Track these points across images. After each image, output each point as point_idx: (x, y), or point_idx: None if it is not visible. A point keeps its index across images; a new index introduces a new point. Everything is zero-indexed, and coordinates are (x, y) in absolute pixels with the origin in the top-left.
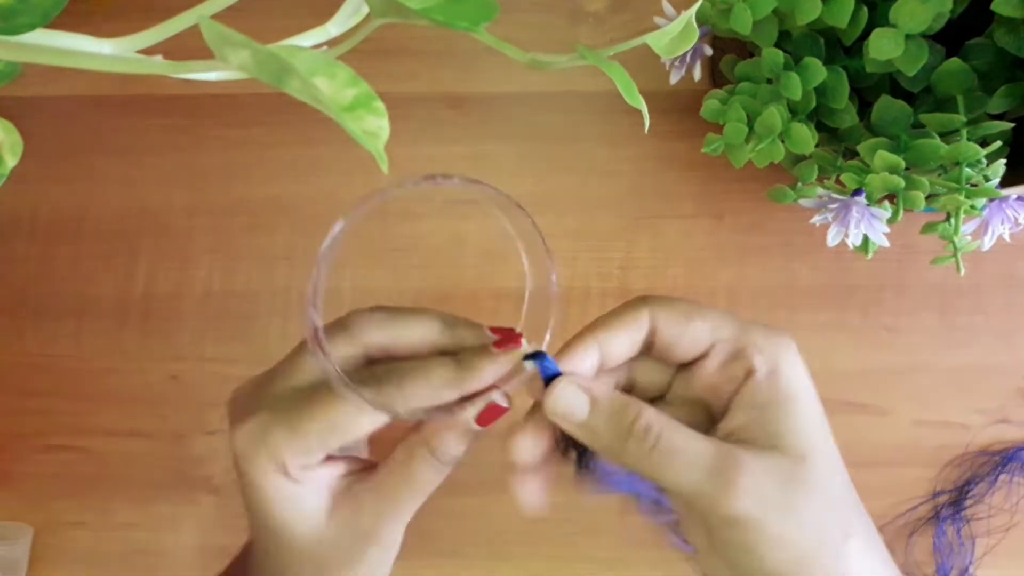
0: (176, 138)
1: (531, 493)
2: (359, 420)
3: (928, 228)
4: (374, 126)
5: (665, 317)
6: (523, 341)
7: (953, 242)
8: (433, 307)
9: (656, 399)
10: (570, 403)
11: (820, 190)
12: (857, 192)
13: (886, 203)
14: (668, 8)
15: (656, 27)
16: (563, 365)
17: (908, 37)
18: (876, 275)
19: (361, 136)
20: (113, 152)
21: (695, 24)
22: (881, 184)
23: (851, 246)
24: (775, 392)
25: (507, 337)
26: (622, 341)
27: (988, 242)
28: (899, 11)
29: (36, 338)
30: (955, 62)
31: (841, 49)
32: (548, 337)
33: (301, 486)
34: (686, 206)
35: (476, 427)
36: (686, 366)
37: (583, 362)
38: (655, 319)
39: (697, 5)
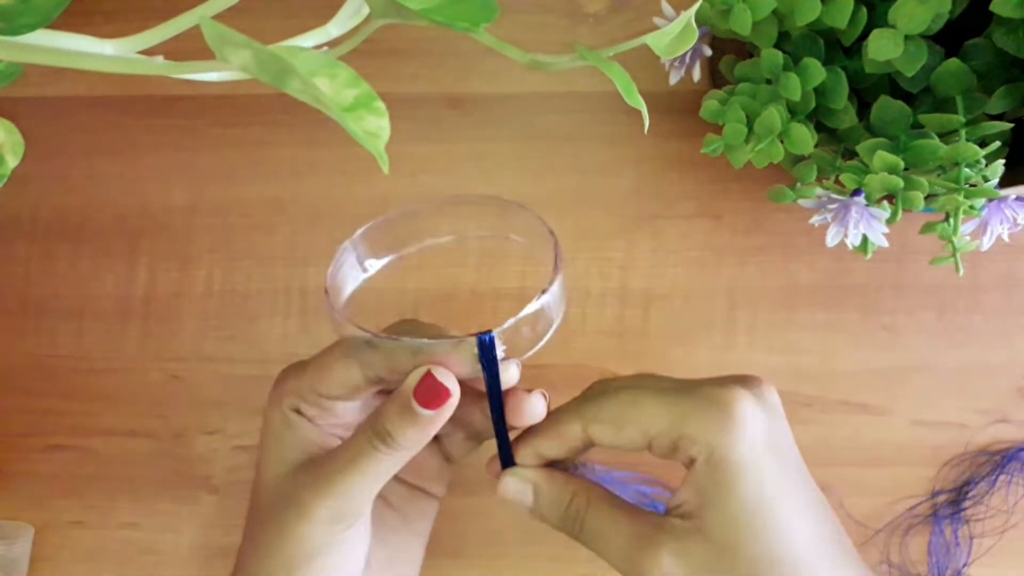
0: (177, 138)
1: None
2: (347, 368)
3: (927, 228)
4: (375, 126)
5: (597, 429)
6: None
7: (952, 242)
8: (441, 308)
9: None
10: (517, 494)
11: (819, 190)
12: (856, 192)
13: (885, 203)
14: (667, 9)
15: (656, 28)
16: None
17: (907, 38)
18: (875, 275)
19: (362, 136)
20: (114, 152)
21: (694, 25)
22: (880, 184)
23: (850, 246)
24: (710, 481)
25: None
26: (557, 449)
27: (987, 242)
28: (898, 12)
29: (36, 338)
30: (954, 63)
31: (840, 50)
32: (547, 338)
33: (286, 429)
34: (685, 206)
35: (419, 408)
36: None
37: (525, 460)
38: (588, 431)
39: (696, 6)
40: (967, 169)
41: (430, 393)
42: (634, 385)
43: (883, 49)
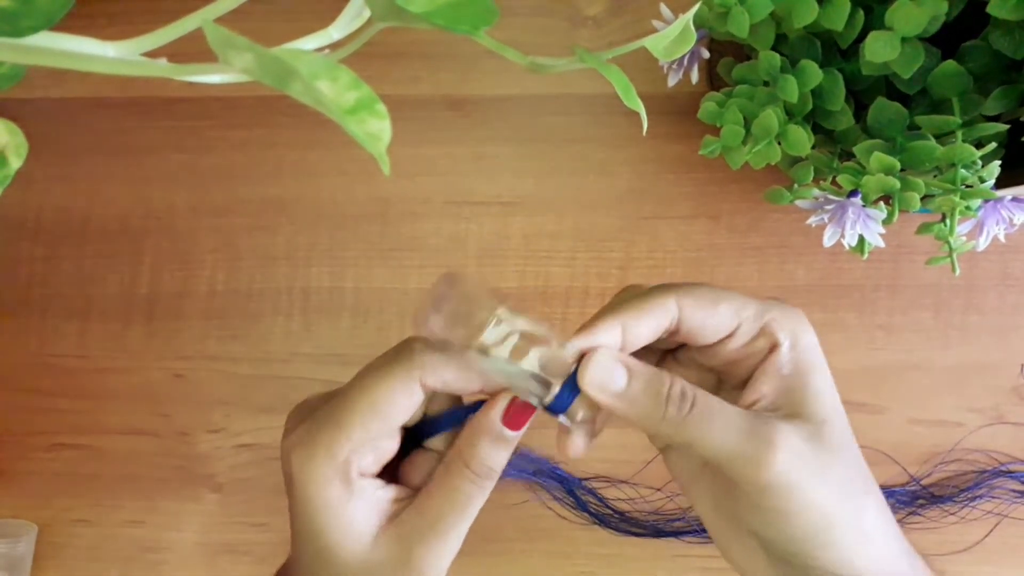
0: (179, 139)
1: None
2: (395, 398)
3: (923, 229)
4: (376, 128)
5: (692, 305)
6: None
7: (948, 242)
8: None
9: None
10: (608, 374)
11: (816, 191)
12: (853, 193)
13: (882, 204)
14: (666, 12)
15: (654, 30)
16: (586, 340)
17: (904, 40)
18: (871, 275)
19: (363, 138)
20: (117, 153)
21: (692, 27)
22: (877, 185)
23: (847, 247)
24: (797, 363)
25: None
26: (647, 326)
27: (983, 243)
28: (895, 14)
29: (41, 337)
30: (951, 64)
31: (837, 52)
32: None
33: (352, 501)
34: (684, 207)
35: (506, 431)
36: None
37: (608, 338)
38: (682, 307)
39: (695, 8)
40: (963, 170)
41: (516, 415)
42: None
43: (880, 51)
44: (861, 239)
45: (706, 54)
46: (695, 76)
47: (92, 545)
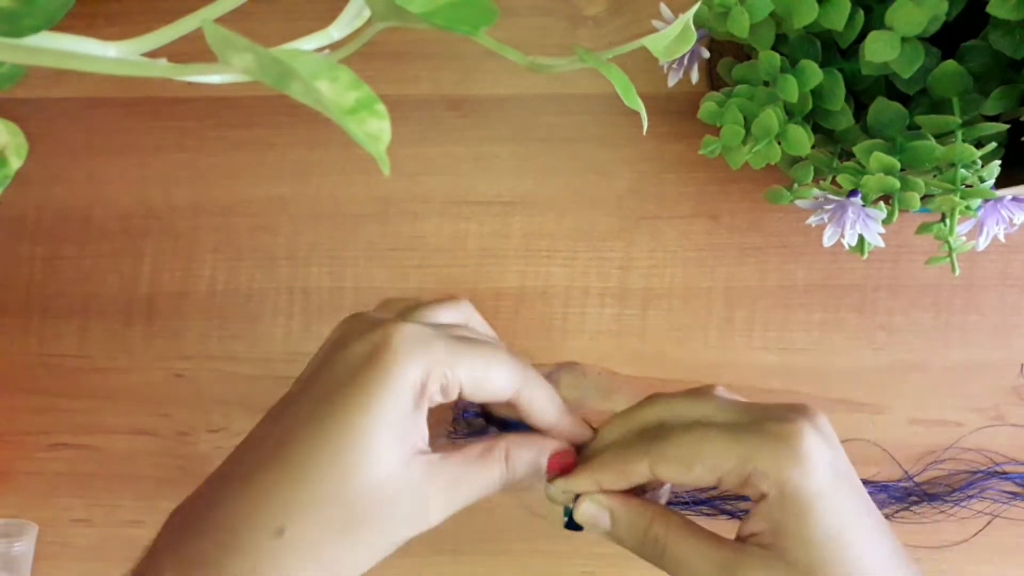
0: (180, 139)
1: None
2: (497, 374)
3: (923, 229)
4: (376, 129)
5: (665, 469)
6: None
7: (948, 242)
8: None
9: None
10: (593, 518)
11: (816, 191)
12: (853, 193)
13: (881, 204)
14: (666, 11)
15: (654, 30)
16: (567, 484)
17: (904, 40)
18: (871, 275)
19: (363, 139)
20: (117, 153)
21: (692, 27)
22: (877, 185)
23: (847, 246)
24: (785, 513)
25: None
26: (621, 484)
27: (983, 242)
28: (895, 14)
29: (41, 337)
30: (951, 64)
31: (837, 52)
32: None
33: (411, 416)
34: (684, 207)
35: (544, 470)
36: None
37: (584, 487)
38: (655, 471)
39: (694, 8)
40: (963, 170)
41: (561, 463)
42: (699, 422)
43: (880, 51)
44: (861, 239)
45: (706, 54)
46: (695, 76)
47: (92, 545)
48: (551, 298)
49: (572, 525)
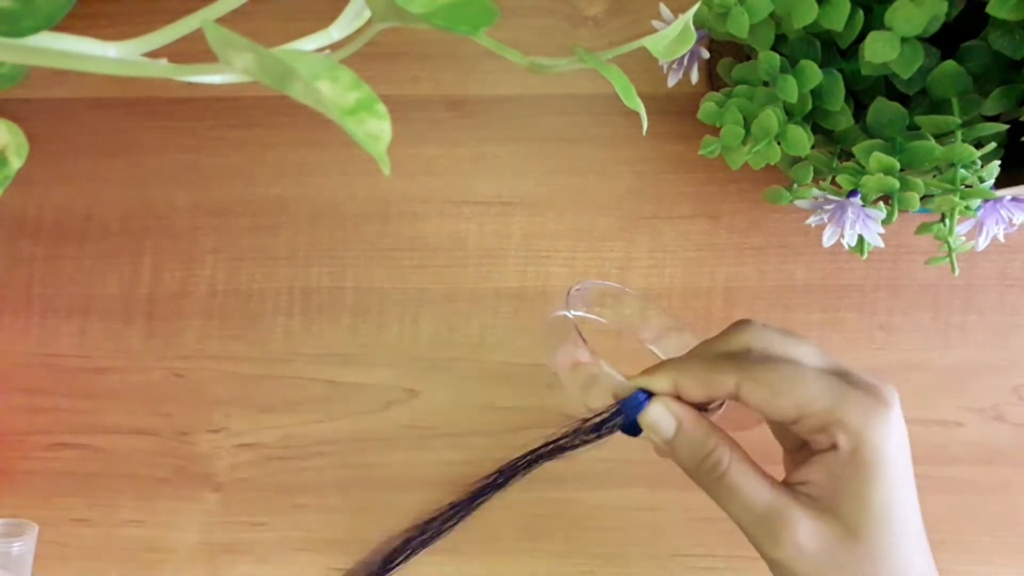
0: (180, 139)
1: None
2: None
3: (923, 229)
4: (376, 129)
5: (752, 390)
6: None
7: (948, 242)
8: (441, 308)
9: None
10: (660, 422)
11: (816, 191)
12: (852, 193)
13: (881, 204)
14: (666, 12)
15: (654, 31)
16: (641, 381)
17: (903, 40)
18: (871, 275)
19: (363, 139)
20: (117, 153)
21: (692, 28)
22: (876, 185)
23: (846, 247)
24: (852, 470)
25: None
26: (699, 393)
27: (982, 243)
28: (894, 14)
29: (41, 337)
30: (950, 65)
31: (837, 52)
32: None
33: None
34: (683, 207)
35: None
36: None
37: (658, 387)
38: (742, 390)
39: (694, 9)
40: (963, 170)
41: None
42: (797, 359)
43: (879, 51)
44: (860, 239)
45: (706, 54)
46: (695, 76)
47: (92, 544)
48: (551, 298)
49: (630, 428)
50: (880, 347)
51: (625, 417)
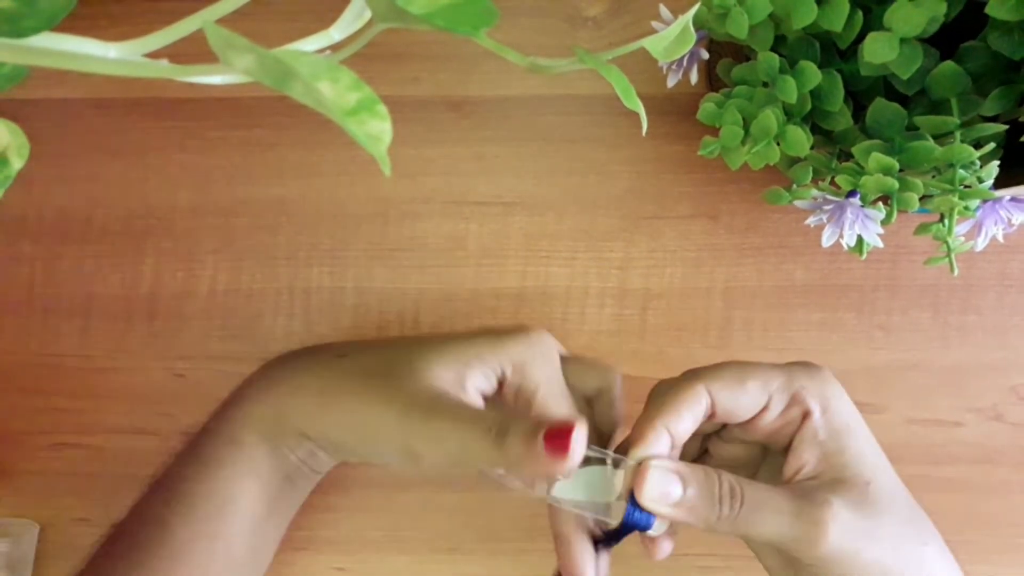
0: (180, 140)
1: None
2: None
3: (922, 229)
4: (377, 130)
5: (720, 388)
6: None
7: (947, 243)
8: (441, 308)
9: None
10: (664, 487)
11: (815, 192)
12: (852, 194)
13: (880, 204)
14: (665, 13)
15: (654, 31)
16: (641, 452)
17: (902, 41)
18: (870, 275)
19: (364, 140)
20: (118, 154)
21: (692, 28)
22: (875, 186)
23: (845, 247)
24: (831, 428)
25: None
26: (686, 420)
27: (981, 243)
28: (894, 15)
29: (42, 337)
30: (949, 65)
31: (836, 53)
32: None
33: (446, 399)
34: (683, 207)
35: (542, 450)
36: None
37: (658, 447)
38: (712, 392)
39: (694, 9)
40: (962, 170)
41: (558, 446)
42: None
43: (879, 52)
44: (860, 239)
45: (705, 55)
46: (694, 77)
47: (92, 544)
48: (551, 298)
49: (634, 521)
50: (879, 347)
51: (635, 522)
